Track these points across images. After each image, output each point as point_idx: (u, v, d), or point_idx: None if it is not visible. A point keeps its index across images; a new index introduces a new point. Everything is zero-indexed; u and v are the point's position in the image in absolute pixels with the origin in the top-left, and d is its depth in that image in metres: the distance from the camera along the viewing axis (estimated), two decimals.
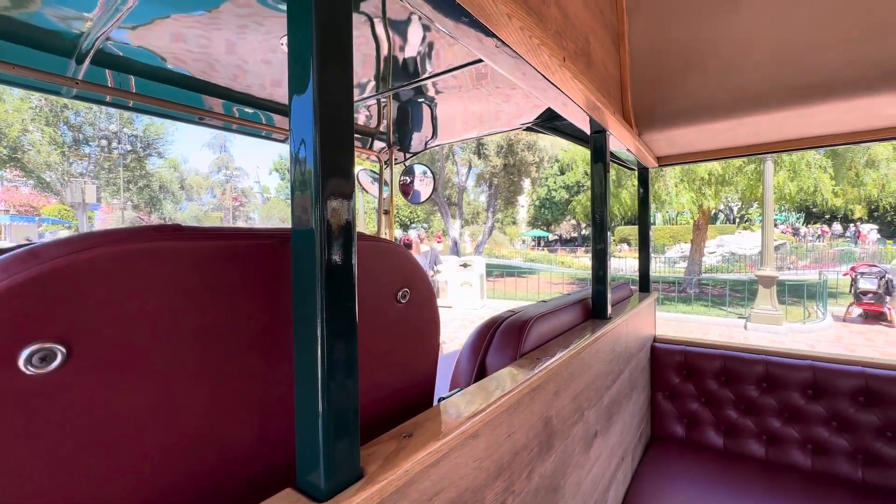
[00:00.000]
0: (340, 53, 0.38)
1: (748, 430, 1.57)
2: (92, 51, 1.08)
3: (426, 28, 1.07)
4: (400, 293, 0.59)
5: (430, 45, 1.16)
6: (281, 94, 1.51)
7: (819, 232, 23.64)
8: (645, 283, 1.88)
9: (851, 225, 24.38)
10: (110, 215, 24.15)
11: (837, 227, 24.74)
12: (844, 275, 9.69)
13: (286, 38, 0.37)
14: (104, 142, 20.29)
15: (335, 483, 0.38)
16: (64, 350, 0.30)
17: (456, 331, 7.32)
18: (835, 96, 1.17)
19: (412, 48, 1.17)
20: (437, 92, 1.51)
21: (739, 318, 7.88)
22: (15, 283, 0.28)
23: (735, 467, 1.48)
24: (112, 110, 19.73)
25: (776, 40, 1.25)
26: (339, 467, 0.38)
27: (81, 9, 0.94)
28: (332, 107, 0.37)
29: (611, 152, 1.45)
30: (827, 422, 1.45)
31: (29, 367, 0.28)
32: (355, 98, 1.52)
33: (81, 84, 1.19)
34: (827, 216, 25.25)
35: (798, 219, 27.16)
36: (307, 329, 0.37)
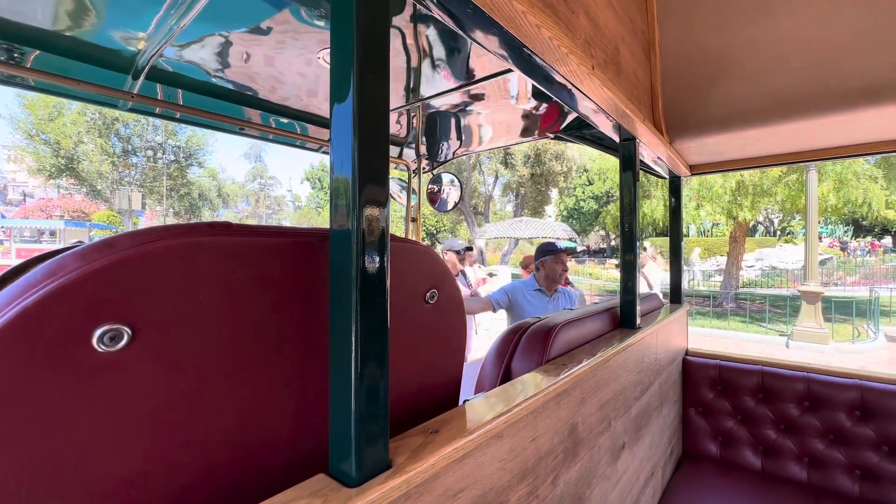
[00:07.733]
0: (378, 66, 0.40)
1: (789, 451, 1.49)
2: (147, 67, 1.17)
3: (455, 39, 1.10)
4: (428, 294, 0.60)
5: (459, 56, 1.19)
6: (316, 105, 1.57)
7: (869, 246, 22.16)
8: (676, 294, 1.83)
9: None
10: (154, 221, 25.47)
11: (889, 240, 23.15)
12: None
13: (324, 51, 0.40)
14: (150, 152, 21.57)
15: (365, 471, 0.40)
16: (129, 332, 0.33)
17: (479, 340, 7.23)
18: (883, 101, 1.12)
19: (441, 59, 1.21)
20: (466, 102, 1.54)
21: (780, 335, 7.47)
22: (93, 270, 0.31)
23: (774, 490, 1.40)
24: (158, 122, 21.00)
25: (816, 43, 1.21)
26: (370, 457, 0.40)
27: (138, 28, 1.02)
28: (369, 116, 0.39)
29: (642, 161, 1.43)
30: (877, 446, 1.36)
31: (100, 346, 0.31)
32: None
33: (136, 98, 1.29)
34: (877, 229, 23.70)
35: (846, 232, 25.59)
36: (343, 324, 0.40)
